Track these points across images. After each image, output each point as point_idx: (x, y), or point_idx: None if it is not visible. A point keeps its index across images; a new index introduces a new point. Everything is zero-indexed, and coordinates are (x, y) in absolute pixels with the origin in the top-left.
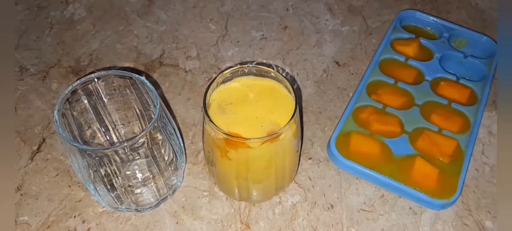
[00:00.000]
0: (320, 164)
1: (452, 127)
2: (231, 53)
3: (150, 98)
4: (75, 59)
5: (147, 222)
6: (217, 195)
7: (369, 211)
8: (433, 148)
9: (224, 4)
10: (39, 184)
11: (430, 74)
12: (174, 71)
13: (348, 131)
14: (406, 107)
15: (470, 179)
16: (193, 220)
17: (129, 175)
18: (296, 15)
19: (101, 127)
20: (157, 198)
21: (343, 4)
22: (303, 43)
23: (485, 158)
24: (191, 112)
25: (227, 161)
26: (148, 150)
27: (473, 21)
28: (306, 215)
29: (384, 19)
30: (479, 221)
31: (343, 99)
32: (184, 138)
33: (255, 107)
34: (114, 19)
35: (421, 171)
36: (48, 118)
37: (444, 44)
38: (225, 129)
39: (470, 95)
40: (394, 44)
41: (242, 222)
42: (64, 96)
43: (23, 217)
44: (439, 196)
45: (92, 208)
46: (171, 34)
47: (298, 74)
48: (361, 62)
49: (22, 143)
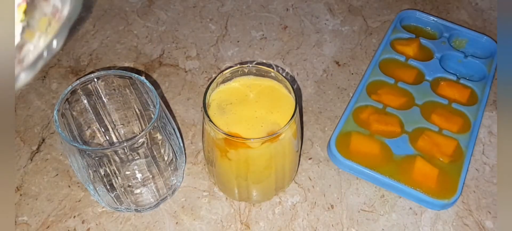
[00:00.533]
0: (320, 164)
1: (452, 127)
2: (231, 53)
3: (150, 98)
4: (75, 59)
5: (147, 222)
6: (217, 195)
7: (369, 211)
8: (433, 148)
9: (224, 4)
10: (38, 184)
11: (430, 74)
12: (174, 71)
13: (348, 131)
14: (406, 107)
15: (471, 179)
16: (193, 220)
17: (128, 175)
18: (296, 15)
19: (101, 127)
20: (156, 198)
21: (343, 4)
22: (303, 43)
23: (485, 158)
24: (191, 112)
25: (227, 161)
26: (147, 150)
27: (473, 21)
28: (306, 215)
29: (384, 19)
30: (480, 221)
31: (343, 99)
32: (184, 138)
33: (255, 107)
34: (114, 19)
35: (421, 171)
36: (47, 118)
37: (444, 44)
38: (225, 129)
39: (470, 95)
40: (394, 44)
41: (242, 222)
42: (64, 96)
43: (23, 217)
44: (439, 196)
45: (92, 208)
46: (171, 34)
47: (298, 74)
48: (361, 62)
49: (22, 143)
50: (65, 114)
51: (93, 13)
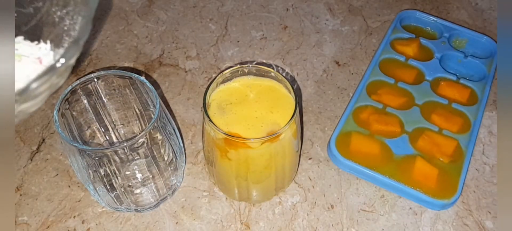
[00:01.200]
0: (320, 164)
1: (452, 127)
2: (231, 53)
3: (150, 98)
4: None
5: (147, 222)
6: (217, 195)
7: (369, 211)
8: (433, 148)
9: (224, 4)
10: (38, 184)
11: (430, 74)
12: (174, 71)
13: (348, 131)
14: (406, 107)
15: (471, 179)
16: (193, 220)
17: (128, 175)
18: (296, 15)
19: (101, 127)
20: (156, 198)
21: (343, 4)
22: (303, 43)
23: (485, 158)
24: (191, 112)
25: (227, 161)
26: (147, 150)
27: (473, 21)
28: (306, 215)
29: (384, 19)
30: (480, 221)
31: (343, 99)
32: (184, 138)
33: (255, 107)
34: (114, 19)
35: (421, 171)
36: (47, 118)
37: (444, 44)
38: (225, 129)
39: (470, 95)
40: (394, 44)
41: (242, 222)
42: (64, 96)
43: (23, 217)
44: (439, 196)
45: (92, 208)
46: (171, 34)
47: (298, 74)
48: (361, 62)
49: (22, 143)
50: (65, 114)
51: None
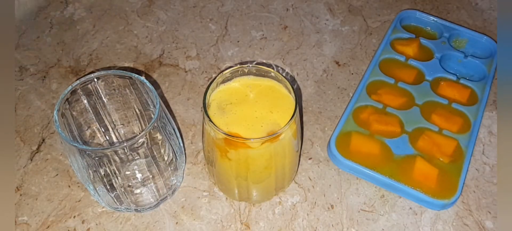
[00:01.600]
0: (320, 164)
1: (452, 127)
2: (231, 53)
3: (150, 98)
4: (75, 59)
5: (147, 222)
6: (217, 195)
7: (369, 211)
8: (433, 148)
9: (224, 4)
10: (38, 184)
11: (430, 74)
12: (174, 71)
13: (348, 131)
14: (406, 107)
15: (471, 179)
16: (193, 220)
17: (128, 175)
18: (296, 15)
19: (101, 127)
20: (156, 198)
21: (343, 4)
22: (303, 43)
23: (485, 158)
24: (191, 112)
25: (227, 161)
26: (147, 150)
27: (473, 21)
28: (306, 215)
29: (384, 19)
30: (480, 221)
31: (343, 99)
32: (184, 138)
33: (255, 107)
34: (114, 19)
35: (421, 171)
36: (47, 118)
37: (444, 44)
38: (225, 129)
39: (470, 95)
40: (394, 44)
41: (242, 222)
42: (64, 96)
43: (23, 217)
44: (440, 196)
45: (92, 208)
46: (171, 34)
47: (298, 74)
48: (361, 62)
49: (22, 143)
50: (65, 114)
51: (93, 13)
